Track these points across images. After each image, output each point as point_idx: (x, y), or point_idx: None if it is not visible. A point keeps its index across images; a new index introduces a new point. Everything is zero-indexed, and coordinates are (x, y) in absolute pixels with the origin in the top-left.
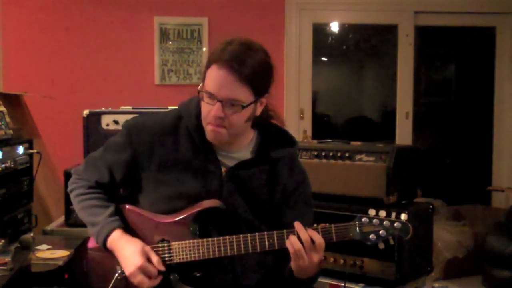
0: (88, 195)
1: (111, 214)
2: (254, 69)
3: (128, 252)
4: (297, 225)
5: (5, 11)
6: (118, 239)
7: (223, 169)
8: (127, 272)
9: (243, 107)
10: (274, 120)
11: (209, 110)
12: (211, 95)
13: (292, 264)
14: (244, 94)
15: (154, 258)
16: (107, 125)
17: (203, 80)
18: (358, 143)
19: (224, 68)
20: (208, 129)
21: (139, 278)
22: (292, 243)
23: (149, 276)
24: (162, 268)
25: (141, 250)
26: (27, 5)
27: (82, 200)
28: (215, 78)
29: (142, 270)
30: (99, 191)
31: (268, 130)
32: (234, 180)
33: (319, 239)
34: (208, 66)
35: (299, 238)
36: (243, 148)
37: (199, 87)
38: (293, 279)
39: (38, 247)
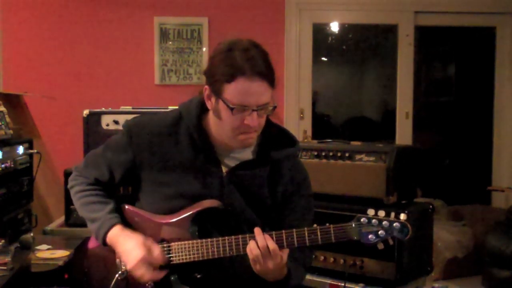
0: (88, 192)
1: (111, 210)
2: (270, 67)
3: (129, 246)
4: (256, 230)
5: (5, 12)
6: (118, 234)
7: (224, 170)
8: (128, 266)
9: (274, 107)
10: (272, 117)
11: (240, 121)
12: (245, 107)
13: (253, 268)
14: (270, 94)
15: (156, 250)
16: (107, 125)
17: (217, 94)
18: (358, 143)
19: (256, 79)
20: (241, 138)
21: (141, 271)
22: (251, 248)
23: (152, 268)
24: (165, 260)
25: (142, 242)
26: (27, 6)
27: (82, 197)
28: (249, 91)
29: (144, 262)
30: (98, 188)
31: (270, 130)
32: (235, 181)
33: (272, 245)
34: (228, 80)
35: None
36: (245, 148)
37: (214, 103)
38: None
39: (38, 247)
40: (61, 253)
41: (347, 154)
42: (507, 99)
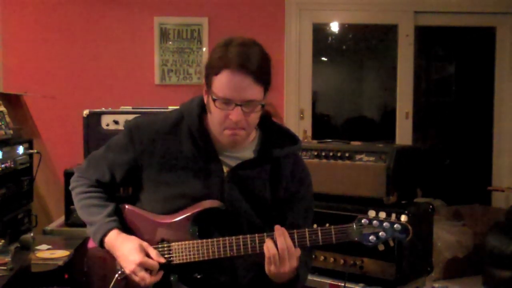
0: (88, 194)
1: (109, 214)
2: (262, 65)
3: (126, 250)
4: (278, 230)
5: (5, 12)
6: (115, 239)
7: (225, 169)
8: (127, 271)
9: (263, 106)
10: (274, 117)
11: (225, 115)
12: (228, 101)
13: (266, 268)
14: (259, 92)
15: (153, 252)
16: (107, 125)
17: (208, 87)
18: (358, 143)
19: (239, 72)
20: (226, 134)
21: (140, 275)
22: (268, 247)
23: (150, 271)
24: (162, 261)
25: (138, 246)
26: (27, 5)
27: (82, 199)
28: (231, 84)
29: (142, 266)
30: (99, 190)
31: (271, 128)
32: (236, 180)
33: (292, 248)
34: (216, 73)
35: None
36: (246, 148)
37: (207, 97)
38: (270, 282)
39: (38, 247)
40: (61, 253)
41: (347, 154)
42: (507, 99)
